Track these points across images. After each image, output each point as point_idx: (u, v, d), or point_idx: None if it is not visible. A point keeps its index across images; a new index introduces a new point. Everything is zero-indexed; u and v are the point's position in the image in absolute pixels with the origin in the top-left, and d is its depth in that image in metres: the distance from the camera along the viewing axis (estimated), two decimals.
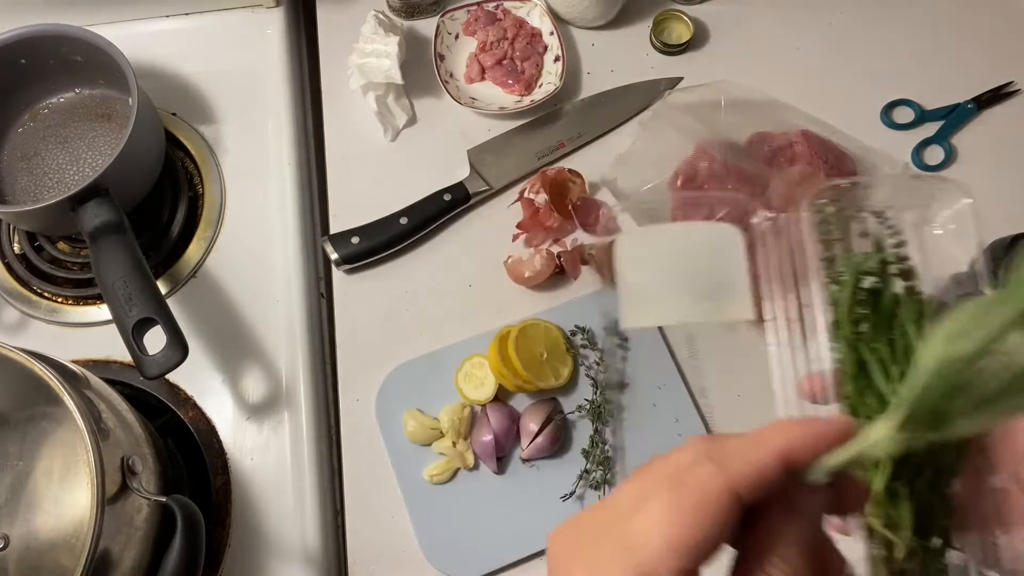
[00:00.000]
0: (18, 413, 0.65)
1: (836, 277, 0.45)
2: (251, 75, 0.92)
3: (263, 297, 0.82)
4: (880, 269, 0.45)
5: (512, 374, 0.74)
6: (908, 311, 0.43)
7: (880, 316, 0.44)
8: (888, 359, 0.43)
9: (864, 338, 0.43)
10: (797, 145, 0.82)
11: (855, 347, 0.43)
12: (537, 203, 0.84)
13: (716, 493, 0.28)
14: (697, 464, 0.29)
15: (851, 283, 0.44)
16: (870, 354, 0.42)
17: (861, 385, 0.43)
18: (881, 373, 0.42)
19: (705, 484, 0.29)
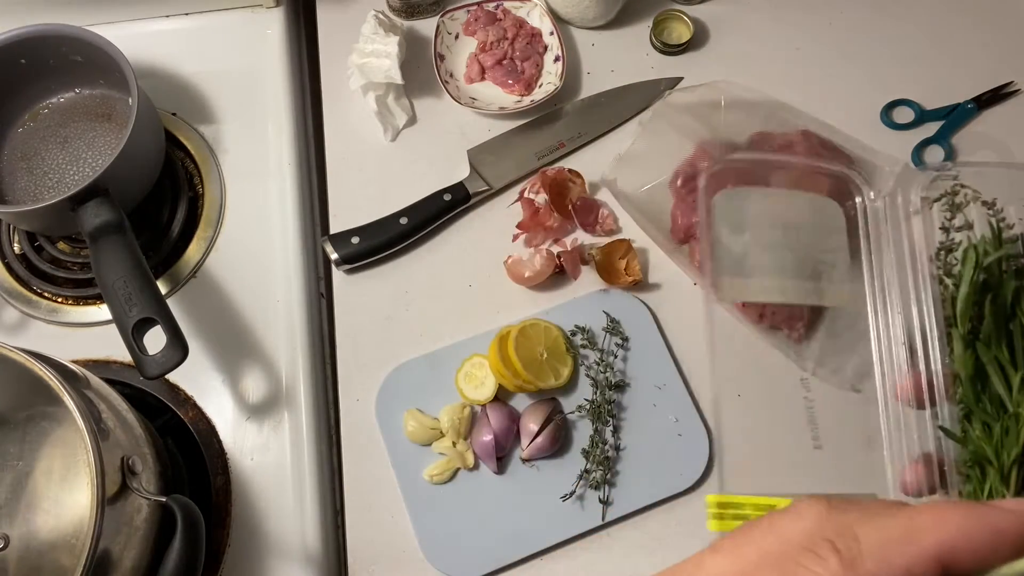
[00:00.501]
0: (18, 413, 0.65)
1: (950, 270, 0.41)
2: (251, 75, 0.92)
3: (263, 297, 0.82)
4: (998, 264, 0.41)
5: (512, 374, 0.74)
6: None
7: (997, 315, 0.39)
8: (1007, 362, 0.39)
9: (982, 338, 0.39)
10: (797, 145, 0.82)
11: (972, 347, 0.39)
12: (537, 203, 0.84)
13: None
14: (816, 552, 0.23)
15: (971, 277, 0.40)
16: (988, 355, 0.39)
17: (978, 389, 0.39)
18: (1000, 378, 0.38)
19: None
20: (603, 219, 0.84)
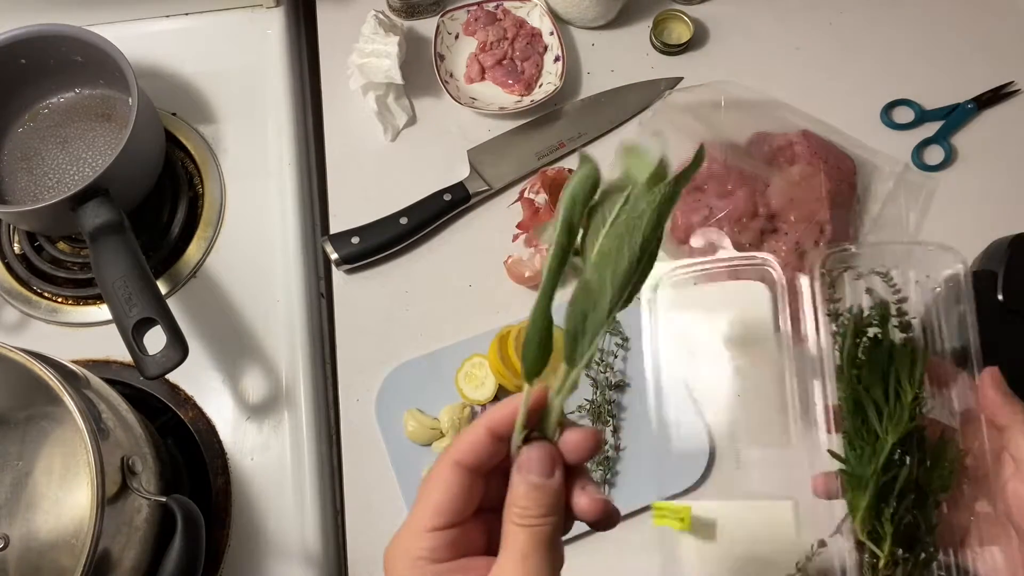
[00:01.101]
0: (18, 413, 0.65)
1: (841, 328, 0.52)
2: (251, 75, 0.92)
3: (263, 297, 0.82)
4: (880, 322, 0.52)
5: (512, 374, 0.74)
6: (902, 360, 0.50)
7: (875, 363, 0.50)
8: (881, 400, 0.49)
9: (863, 381, 0.50)
10: (797, 145, 0.82)
11: (855, 388, 0.50)
12: (537, 203, 0.84)
13: (445, 464, 0.37)
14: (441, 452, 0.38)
15: (851, 333, 0.51)
16: (866, 395, 0.49)
17: (857, 422, 0.50)
18: (874, 412, 0.49)
19: (440, 461, 0.37)
20: None
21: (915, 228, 0.84)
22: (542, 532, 0.35)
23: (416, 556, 0.36)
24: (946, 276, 0.55)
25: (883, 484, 0.48)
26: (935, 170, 0.87)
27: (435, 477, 0.37)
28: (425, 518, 0.36)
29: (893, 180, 0.85)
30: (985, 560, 0.49)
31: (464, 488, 0.36)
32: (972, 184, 0.86)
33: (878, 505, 0.49)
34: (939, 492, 0.50)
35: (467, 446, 0.37)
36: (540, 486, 0.35)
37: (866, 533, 0.49)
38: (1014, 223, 0.81)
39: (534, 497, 0.35)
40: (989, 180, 0.86)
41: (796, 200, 0.79)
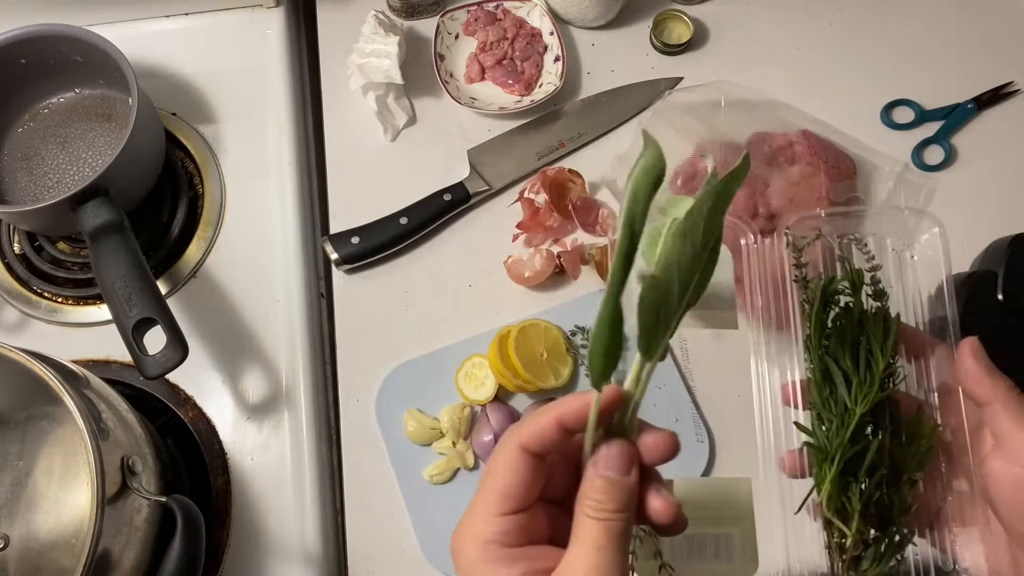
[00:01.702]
0: (18, 413, 0.65)
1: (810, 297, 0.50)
2: (251, 75, 0.92)
3: (263, 297, 0.82)
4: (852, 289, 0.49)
5: (512, 374, 0.74)
6: (875, 328, 0.47)
7: (845, 331, 0.48)
8: (851, 370, 0.47)
9: (831, 351, 0.48)
10: (797, 145, 0.82)
11: (822, 359, 0.48)
12: (537, 203, 0.84)
13: (512, 449, 0.37)
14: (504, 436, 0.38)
15: (819, 300, 0.49)
16: (834, 365, 0.47)
17: (825, 393, 0.47)
18: (843, 382, 0.46)
19: (505, 445, 0.37)
20: (603, 219, 0.84)
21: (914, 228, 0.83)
22: (615, 527, 0.35)
23: (487, 540, 0.36)
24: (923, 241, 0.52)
25: (851, 457, 0.46)
26: (935, 170, 0.87)
27: (501, 462, 0.37)
28: (494, 503, 0.37)
29: (893, 180, 0.85)
30: (963, 542, 0.47)
31: (530, 473, 0.37)
32: (972, 184, 0.86)
33: (845, 479, 0.46)
34: (914, 470, 0.47)
35: (534, 434, 0.37)
36: (616, 482, 0.36)
37: (833, 511, 0.46)
38: (1014, 223, 0.81)
39: (609, 492, 0.36)
40: (989, 180, 0.86)
41: (796, 200, 0.79)
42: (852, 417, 0.46)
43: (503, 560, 0.36)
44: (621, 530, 0.35)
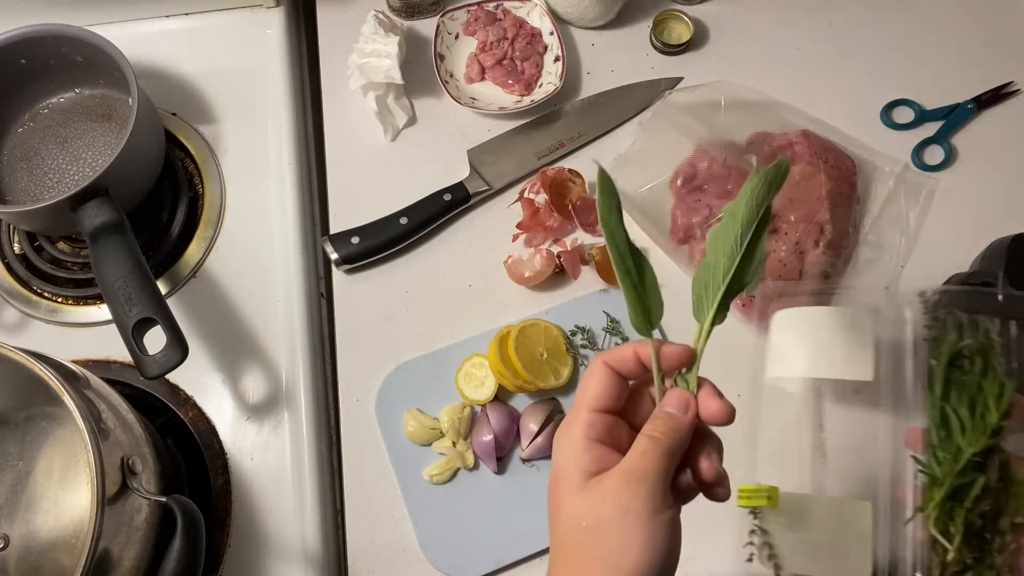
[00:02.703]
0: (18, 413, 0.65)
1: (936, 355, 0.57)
2: (251, 75, 0.92)
3: (263, 297, 0.82)
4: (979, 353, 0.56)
5: (512, 374, 0.74)
6: (991, 388, 0.55)
7: (965, 386, 0.55)
8: (966, 417, 0.54)
9: (951, 403, 0.55)
10: (797, 145, 0.82)
11: (943, 408, 0.55)
12: (537, 203, 0.84)
13: (598, 365, 0.45)
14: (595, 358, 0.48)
15: (945, 359, 0.56)
16: (953, 414, 0.54)
17: (942, 436, 0.55)
18: (959, 428, 0.54)
19: (595, 364, 0.45)
20: None
21: (915, 228, 0.84)
22: (662, 443, 0.41)
23: (575, 430, 0.43)
24: None
25: (959, 486, 0.53)
26: (935, 170, 0.87)
27: (592, 373, 0.45)
28: (586, 400, 0.44)
29: (893, 180, 0.85)
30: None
31: (613, 383, 0.44)
32: (972, 184, 0.86)
33: (951, 504, 0.52)
34: (1014, 514, 0.53)
35: (617, 356, 0.45)
36: (673, 415, 0.43)
37: (939, 530, 0.53)
38: (1014, 223, 0.81)
39: (666, 420, 0.43)
40: (989, 180, 0.86)
41: (796, 200, 0.79)
42: (963, 454, 0.53)
43: (581, 444, 0.43)
44: (666, 448, 0.41)
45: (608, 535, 0.40)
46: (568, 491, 0.42)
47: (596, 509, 0.40)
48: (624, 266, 0.45)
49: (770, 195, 0.42)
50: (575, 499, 0.41)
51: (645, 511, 0.40)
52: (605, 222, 0.44)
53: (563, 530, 0.42)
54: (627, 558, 0.39)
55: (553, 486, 0.43)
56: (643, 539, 0.39)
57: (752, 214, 0.42)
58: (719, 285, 0.44)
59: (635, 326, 0.45)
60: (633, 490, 0.40)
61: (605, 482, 0.41)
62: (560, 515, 0.42)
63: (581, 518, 0.41)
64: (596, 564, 0.40)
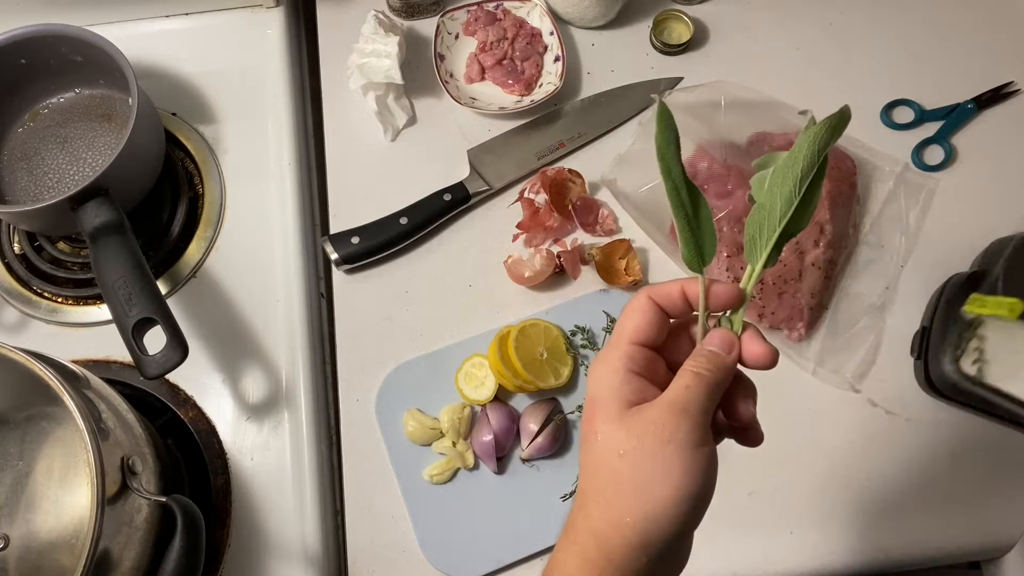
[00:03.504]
0: (18, 413, 0.65)
1: None
2: (251, 75, 0.92)
3: (263, 297, 0.82)
4: None
5: (512, 374, 0.74)
6: None
7: None
8: None
9: None
10: None
11: None
12: (537, 203, 0.84)
13: (642, 299, 0.44)
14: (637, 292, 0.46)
15: None
16: None
17: None
18: None
19: (638, 296, 0.44)
20: (603, 219, 0.84)
21: (915, 228, 0.84)
22: (706, 378, 0.41)
23: (615, 360, 0.43)
24: None
25: None
26: (935, 170, 0.87)
27: (633, 306, 0.44)
28: (626, 332, 0.43)
29: (893, 180, 0.85)
30: None
31: (656, 318, 0.44)
32: (972, 184, 0.86)
33: None
34: None
35: (663, 292, 0.44)
36: (717, 354, 0.43)
37: None
38: (1014, 223, 0.81)
39: (710, 357, 0.42)
40: (989, 180, 0.86)
41: None
42: None
43: (621, 375, 0.42)
44: (710, 384, 0.41)
45: (646, 464, 0.40)
46: (606, 419, 0.41)
47: (636, 438, 0.40)
48: (679, 199, 0.45)
49: (832, 140, 0.43)
50: (613, 427, 0.41)
51: (686, 443, 0.40)
52: (663, 155, 0.44)
53: (598, 456, 0.41)
54: (663, 488, 0.39)
55: (588, 415, 0.43)
56: (682, 470, 0.39)
57: (813, 160, 0.42)
58: (774, 228, 0.44)
59: (686, 261, 0.45)
60: (676, 421, 0.40)
61: (646, 412, 0.41)
62: (596, 442, 0.41)
63: (619, 445, 0.40)
64: (631, 492, 0.40)
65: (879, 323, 0.80)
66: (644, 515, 0.39)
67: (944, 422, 0.77)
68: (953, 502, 0.75)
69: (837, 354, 0.79)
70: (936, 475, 0.76)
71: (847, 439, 0.76)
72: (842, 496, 0.75)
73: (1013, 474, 0.76)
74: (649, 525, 0.39)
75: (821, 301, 0.80)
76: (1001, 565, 0.76)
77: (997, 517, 0.75)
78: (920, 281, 0.81)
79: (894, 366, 0.79)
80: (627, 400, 0.42)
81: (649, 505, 0.39)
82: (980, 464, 0.76)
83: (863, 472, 0.75)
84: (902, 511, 0.74)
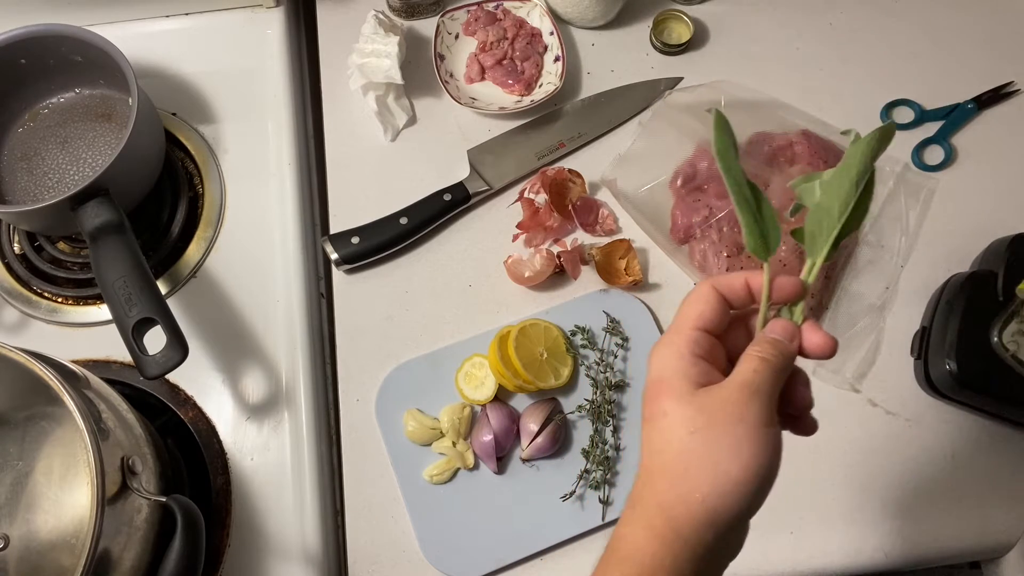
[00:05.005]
0: (18, 413, 0.65)
1: None
2: (251, 75, 0.92)
3: (263, 297, 0.82)
4: None
5: (512, 374, 0.74)
6: None
7: None
8: None
9: None
10: (797, 145, 0.82)
11: None
12: (537, 203, 0.84)
13: (707, 288, 0.46)
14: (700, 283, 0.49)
15: None
16: None
17: None
18: None
19: (702, 286, 0.46)
20: (603, 219, 0.84)
21: (915, 228, 0.84)
22: (772, 363, 0.43)
23: (682, 344, 0.44)
24: None
25: None
26: (935, 170, 0.87)
27: (697, 294, 0.46)
28: (691, 319, 0.45)
29: (893, 180, 0.85)
30: None
31: (719, 305, 0.45)
32: (972, 184, 0.86)
33: None
34: None
35: (727, 283, 0.46)
36: (780, 342, 0.44)
37: None
38: (1014, 223, 0.81)
39: (774, 344, 0.44)
40: (989, 180, 0.86)
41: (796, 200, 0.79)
42: None
43: (687, 358, 0.44)
44: (776, 368, 0.43)
45: (719, 440, 0.41)
46: (676, 397, 0.43)
47: (708, 415, 0.42)
48: (743, 195, 0.47)
49: (881, 149, 0.46)
50: (684, 405, 0.42)
51: (757, 422, 0.41)
52: (723, 157, 0.47)
53: (667, 433, 0.43)
54: (735, 463, 0.41)
55: (653, 394, 0.44)
56: (753, 447, 0.41)
57: (867, 166, 0.46)
58: (833, 225, 0.46)
59: (753, 251, 0.47)
60: (747, 402, 0.42)
61: (717, 392, 0.42)
62: (665, 419, 0.43)
63: (691, 423, 0.42)
64: (702, 468, 0.41)
65: (879, 323, 0.80)
66: (714, 490, 0.41)
67: (944, 422, 0.77)
68: (953, 502, 0.75)
69: (837, 354, 0.79)
70: (936, 475, 0.76)
71: (847, 439, 0.76)
72: (842, 496, 0.75)
73: (1013, 474, 0.76)
74: (719, 501, 0.41)
75: (821, 301, 0.80)
76: (1001, 565, 0.76)
77: (997, 517, 0.75)
78: (920, 281, 0.81)
79: (894, 366, 0.79)
80: (696, 381, 0.43)
81: (720, 480, 0.41)
82: (980, 464, 0.76)
83: (863, 472, 0.75)
84: (902, 511, 0.74)
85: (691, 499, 0.41)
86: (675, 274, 0.83)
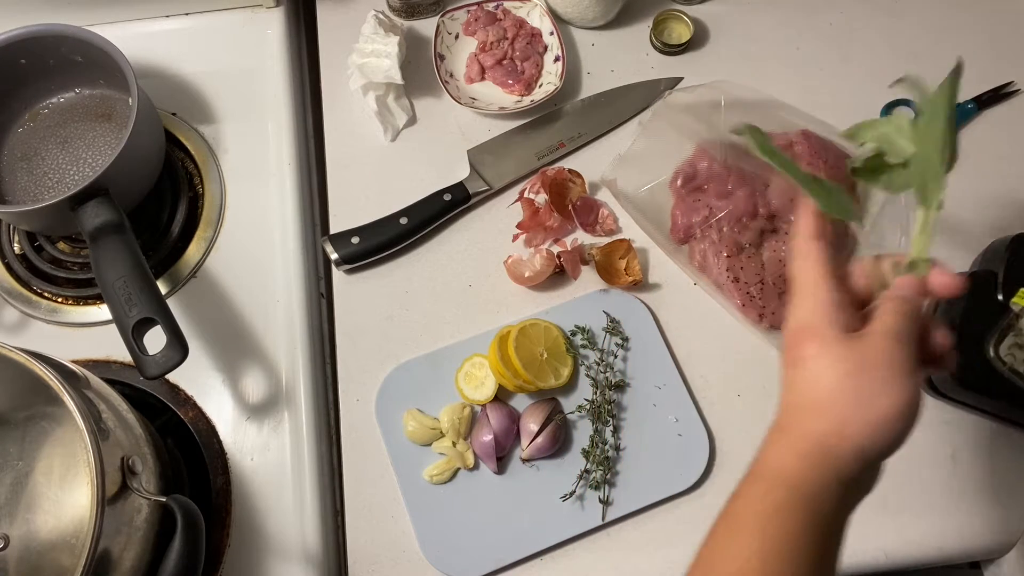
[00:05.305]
0: (18, 413, 0.65)
1: None
2: (251, 75, 0.92)
3: (263, 297, 0.82)
4: None
5: (512, 374, 0.74)
6: None
7: None
8: None
9: None
10: (797, 145, 0.82)
11: None
12: (537, 203, 0.84)
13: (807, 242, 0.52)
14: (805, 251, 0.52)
15: None
16: None
17: None
18: None
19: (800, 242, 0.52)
20: (603, 219, 0.84)
21: None
22: (908, 309, 0.47)
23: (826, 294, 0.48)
24: None
25: None
26: None
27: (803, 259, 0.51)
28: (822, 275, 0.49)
29: None
30: None
31: (829, 257, 0.50)
32: (972, 184, 0.86)
33: None
34: None
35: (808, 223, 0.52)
36: (909, 299, 0.48)
37: None
38: (1014, 223, 0.81)
39: (902, 299, 0.48)
40: (989, 180, 0.86)
41: (796, 200, 0.79)
42: None
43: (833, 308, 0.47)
44: (910, 313, 0.47)
45: (870, 381, 0.45)
46: (826, 341, 0.46)
47: (861, 356, 0.45)
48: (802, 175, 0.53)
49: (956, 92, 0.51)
50: (836, 347, 0.46)
51: (905, 367, 0.45)
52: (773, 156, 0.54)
53: (817, 372, 0.46)
54: (884, 401, 0.44)
55: (799, 339, 0.48)
56: (900, 388, 0.44)
57: (952, 108, 0.50)
58: (937, 171, 0.50)
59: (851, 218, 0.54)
60: (894, 346, 0.45)
61: (867, 337, 0.46)
62: (814, 362, 0.46)
63: (842, 363, 0.45)
64: (855, 404, 0.45)
65: None
66: (866, 423, 0.44)
67: (944, 422, 0.77)
68: (953, 502, 0.75)
69: None
70: (936, 475, 0.76)
71: None
72: None
73: (1013, 474, 0.76)
74: (869, 433, 0.44)
75: None
76: (1001, 565, 0.76)
77: (997, 517, 0.75)
78: None
79: None
80: (845, 326, 0.47)
81: (871, 414, 0.44)
82: (980, 464, 0.76)
83: None
84: (902, 511, 0.74)
85: (843, 432, 0.45)
86: (675, 274, 0.83)
